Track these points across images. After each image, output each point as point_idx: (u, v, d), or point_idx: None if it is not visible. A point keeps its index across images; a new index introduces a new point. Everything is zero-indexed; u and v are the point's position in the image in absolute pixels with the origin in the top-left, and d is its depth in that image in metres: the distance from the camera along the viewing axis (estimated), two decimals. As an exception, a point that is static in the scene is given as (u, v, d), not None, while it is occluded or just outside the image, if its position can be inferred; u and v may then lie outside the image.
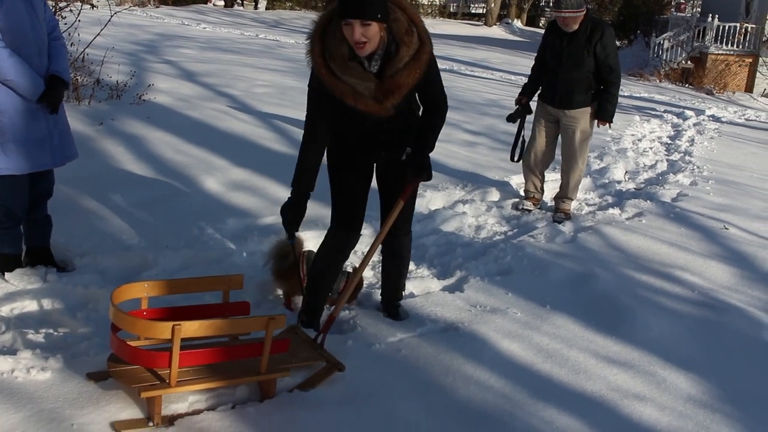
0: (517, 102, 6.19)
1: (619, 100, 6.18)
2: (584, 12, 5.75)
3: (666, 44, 23.97)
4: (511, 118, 6.20)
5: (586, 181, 7.11)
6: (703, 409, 3.40)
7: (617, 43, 5.65)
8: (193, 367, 2.93)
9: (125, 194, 5.38)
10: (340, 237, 3.78)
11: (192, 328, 2.74)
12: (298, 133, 7.71)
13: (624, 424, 3.20)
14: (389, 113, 3.38)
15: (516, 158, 6.38)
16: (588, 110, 5.95)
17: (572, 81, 5.85)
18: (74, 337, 3.51)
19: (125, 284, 3.08)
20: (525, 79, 6.38)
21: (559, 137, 6.19)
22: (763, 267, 5.38)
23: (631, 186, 7.52)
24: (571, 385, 3.48)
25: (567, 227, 5.82)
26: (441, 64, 3.70)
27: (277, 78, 11.31)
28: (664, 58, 23.79)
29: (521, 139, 6.32)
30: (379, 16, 3.12)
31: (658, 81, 22.04)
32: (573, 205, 6.36)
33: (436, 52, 3.52)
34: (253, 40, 18.50)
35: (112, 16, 8.70)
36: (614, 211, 6.41)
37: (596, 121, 5.97)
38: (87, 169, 5.61)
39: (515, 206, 6.26)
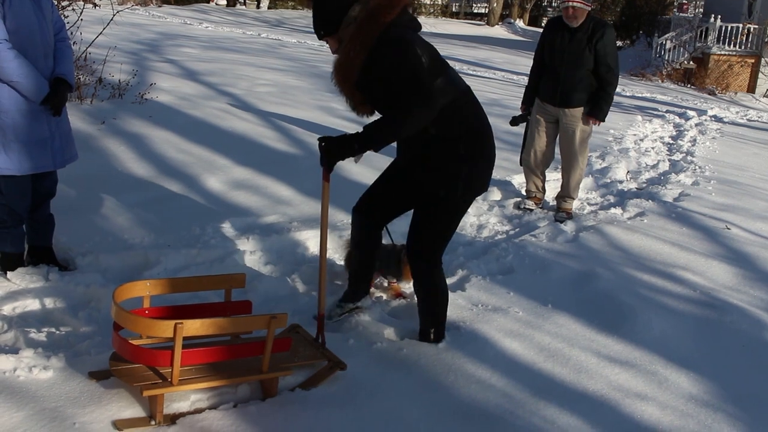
0: (522, 111, 6.28)
1: (622, 99, 6.17)
2: (591, 7, 5.79)
3: (668, 44, 23.95)
4: (514, 122, 6.35)
5: (587, 181, 7.11)
6: (704, 408, 3.40)
7: (619, 43, 5.66)
8: (195, 365, 2.94)
9: (127, 193, 5.38)
10: (352, 215, 3.86)
11: (194, 326, 2.74)
12: (300, 132, 7.76)
13: (626, 424, 3.19)
14: (363, 113, 3.44)
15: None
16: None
17: (573, 79, 5.86)
18: (76, 336, 3.51)
19: (127, 283, 3.09)
20: (527, 80, 6.37)
21: (558, 136, 6.20)
22: (764, 267, 5.37)
23: (633, 186, 7.51)
24: (573, 384, 3.47)
25: (569, 227, 5.82)
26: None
27: (280, 77, 11.31)
28: (666, 58, 23.75)
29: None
30: (322, 33, 3.32)
31: (660, 81, 22.02)
32: (575, 205, 6.36)
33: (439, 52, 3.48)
34: (255, 39, 18.51)
35: (114, 15, 8.72)
36: (616, 211, 6.40)
37: (588, 118, 5.97)
38: (89, 169, 5.62)
39: (517, 206, 6.26)
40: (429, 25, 32.16)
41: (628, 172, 8.06)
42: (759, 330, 4.32)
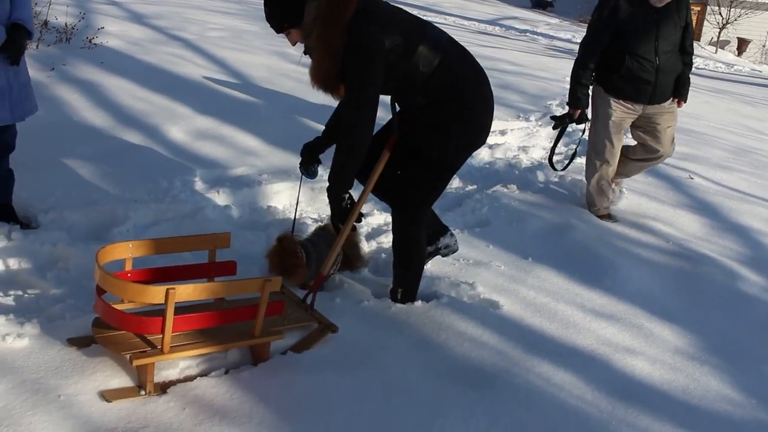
0: (571, 115, 4.89)
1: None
2: None
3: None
4: (556, 126, 5.06)
5: (553, 132, 7.05)
6: (691, 361, 3.42)
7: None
8: (183, 332, 2.80)
9: (86, 145, 5.10)
10: None
11: (186, 291, 2.60)
12: (258, 78, 7.50)
13: (619, 379, 3.19)
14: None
15: (562, 168, 5.46)
16: None
17: (671, 66, 4.74)
18: (47, 299, 3.31)
19: (109, 244, 2.91)
20: (478, 25, 6.14)
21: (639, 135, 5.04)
22: (729, 216, 5.44)
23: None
24: (563, 339, 3.45)
25: (539, 176, 5.79)
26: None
27: (230, 21, 10.89)
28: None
29: (557, 145, 5.35)
30: (286, 24, 3.18)
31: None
32: (540, 154, 6.29)
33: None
34: (199, -20, 17.82)
35: (55, -46, 8.19)
36: (582, 160, 6.37)
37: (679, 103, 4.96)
38: (45, 119, 5.28)
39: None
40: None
41: (589, 120, 8.05)
42: (732, 280, 4.38)
